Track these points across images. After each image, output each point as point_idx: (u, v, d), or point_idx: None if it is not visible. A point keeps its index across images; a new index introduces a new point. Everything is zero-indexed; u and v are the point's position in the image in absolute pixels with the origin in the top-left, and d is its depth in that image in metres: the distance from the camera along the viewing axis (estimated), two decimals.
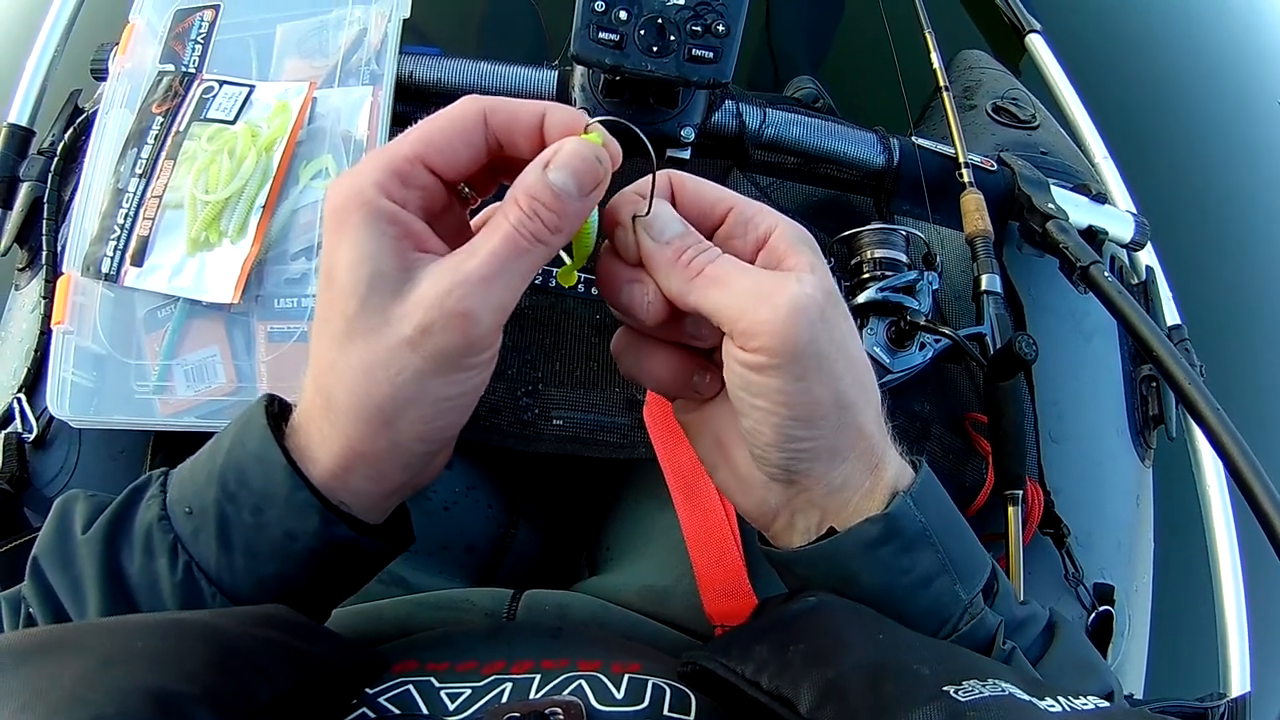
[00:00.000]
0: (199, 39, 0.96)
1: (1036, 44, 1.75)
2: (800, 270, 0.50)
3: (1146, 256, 1.28)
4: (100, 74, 1.02)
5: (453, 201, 0.52)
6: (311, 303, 0.86)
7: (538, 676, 0.52)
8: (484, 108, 0.48)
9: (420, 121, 0.48)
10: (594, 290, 0.91)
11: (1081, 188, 1.18)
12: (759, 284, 0.49)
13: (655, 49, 0.82)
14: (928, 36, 1.35)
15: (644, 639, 0.71)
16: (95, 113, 0.94)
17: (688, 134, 0.95)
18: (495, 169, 0.53)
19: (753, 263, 0.52)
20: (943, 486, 0.57)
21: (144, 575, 0.50)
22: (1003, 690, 0.42)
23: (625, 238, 0.53)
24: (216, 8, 0.97)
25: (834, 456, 0.52)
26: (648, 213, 0.52)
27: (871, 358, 0.95)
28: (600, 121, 0.50)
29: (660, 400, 0.78)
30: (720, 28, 0.82)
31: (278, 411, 0.52)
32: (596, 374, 0.90)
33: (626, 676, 0.52)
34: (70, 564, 0.51)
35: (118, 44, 0.96)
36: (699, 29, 0.82)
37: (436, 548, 0.84)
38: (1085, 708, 0.43)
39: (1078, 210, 1.14)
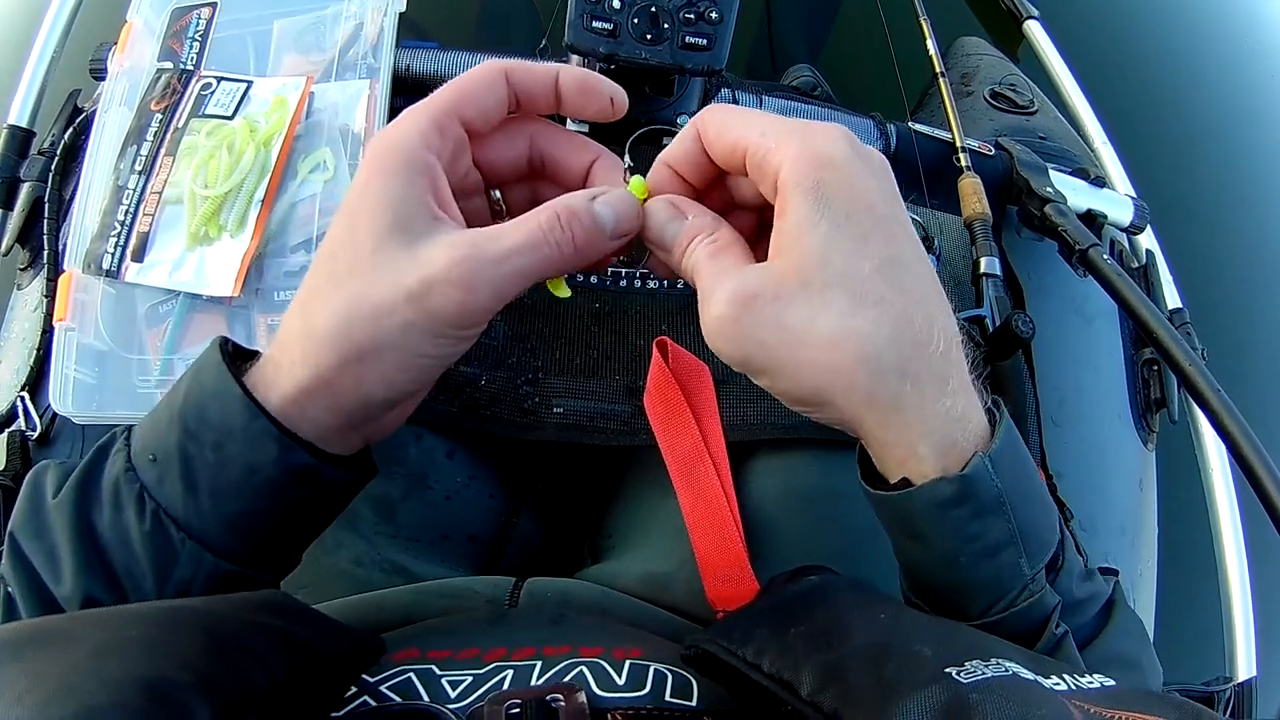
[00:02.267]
0: (196, 36, 0.96)
1: (1034, 30, 1.75)
2: (780, 243, 0.50)
3: (1146, 240, 1.28)
4: (99, 73, 1.03)
5: (485, 201, 0.58)
6: None
7: (539, 663, 0.52)
8: (504, 66, 0.53)
9: (449, 82, 0.53)
10: (592, 279, 0.91)
11: (1080, 172, 1.18)
12: (702, 292, 0.51)
13: (649, 37, 0.82)
14: (924, 23, 1.36)
15: (646, 625, 0.71)
16: (95, 112, 0.95)
17: (683, 121, 0.94)
18: (534, 173, 0.58)
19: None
20: (1022, 442, 0.56)
21: (114, 529, 0.51)
22: (1006, 670, 0.42)
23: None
24: (214, 5, 0.97)
25: (854, 427, 0.52)
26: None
27: None
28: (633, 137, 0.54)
29: (661, 386, 0.78)
30: (714, 15, 0.82)
31: (233, 350, 0.54)
32: (596, 361, 0.90)
33: (628, 662, 0.52)
34: (44, 531, 0.52)
35: (116, 43, 0.96)
36: (692, 16, 0.82)
37: (438, 537, 0.84)
38: (1091, 686, 0.43)
39: (1076, 194, 1.14)
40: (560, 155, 0.57)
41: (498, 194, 0.59)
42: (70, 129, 1.04)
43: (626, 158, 0.55)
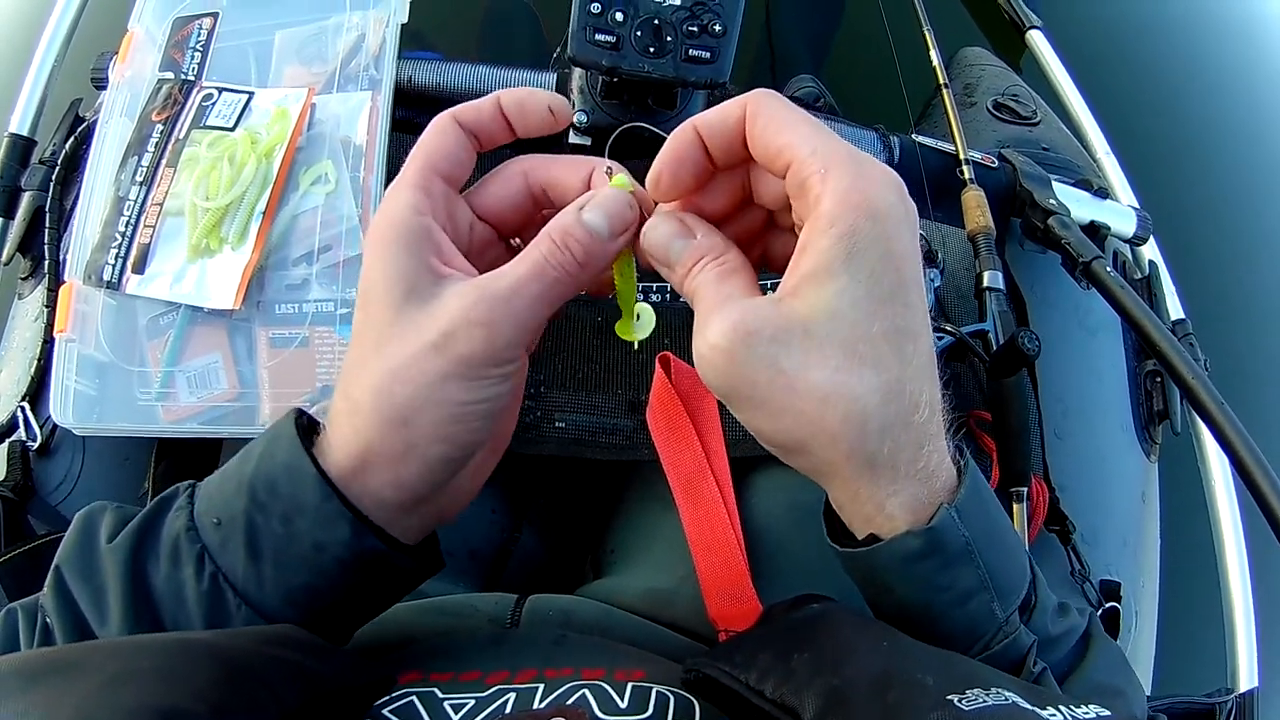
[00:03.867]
0: (198, 46, 0.96)
1: (1037, 40, 1.75)
2: (793, 282, 0.48)
3: (1149, 251, 1.29)
4: (100, 83, 1.02)
5: (504, 253, 0.58)
6: (311, 308, 0.87)
7: (541, 686, 0.52)
8: (452, 114, 0.54)
9: (411, 151, 0.54)
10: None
11: (1083, 183, 1.18)
12: (700, 314, 0.50)
13: (652, 50, 0.82)
14: (927, 34, 1.35)
15: (648, 644, 0.71)
16: (96, 121, 0.95)
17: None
18: (542, 207, 0.58)
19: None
20: (989, 487, 0.56)
21: (169, 584, 0.50)
22: (1005, 699, 0.42)
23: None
24: (215, 15, 0.97)
25: (824, 478, 0.52)
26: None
27: None
28: (614, 137, 0.54)
29: (663, 401, 0.78)
30: (717, 28, 0.82)
31: (306, 424, 0.53)
32: (598, 376, 0.90)
33: (630, 684, 0.52)
34: (94, 573, 0.51)
35: (117, 53, 0.96)
36: (695, 29, 0.82)
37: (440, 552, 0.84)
38: (1086, 717, 0.42)
39: (1079, 206, 1.14)
40: (557, 181, 0.56)
41: (517, 240, 0.59)
42: (72, 138, 1.04)
43: (606, 157, 0.55)
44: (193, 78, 0.94)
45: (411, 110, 1.01)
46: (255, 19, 0.98)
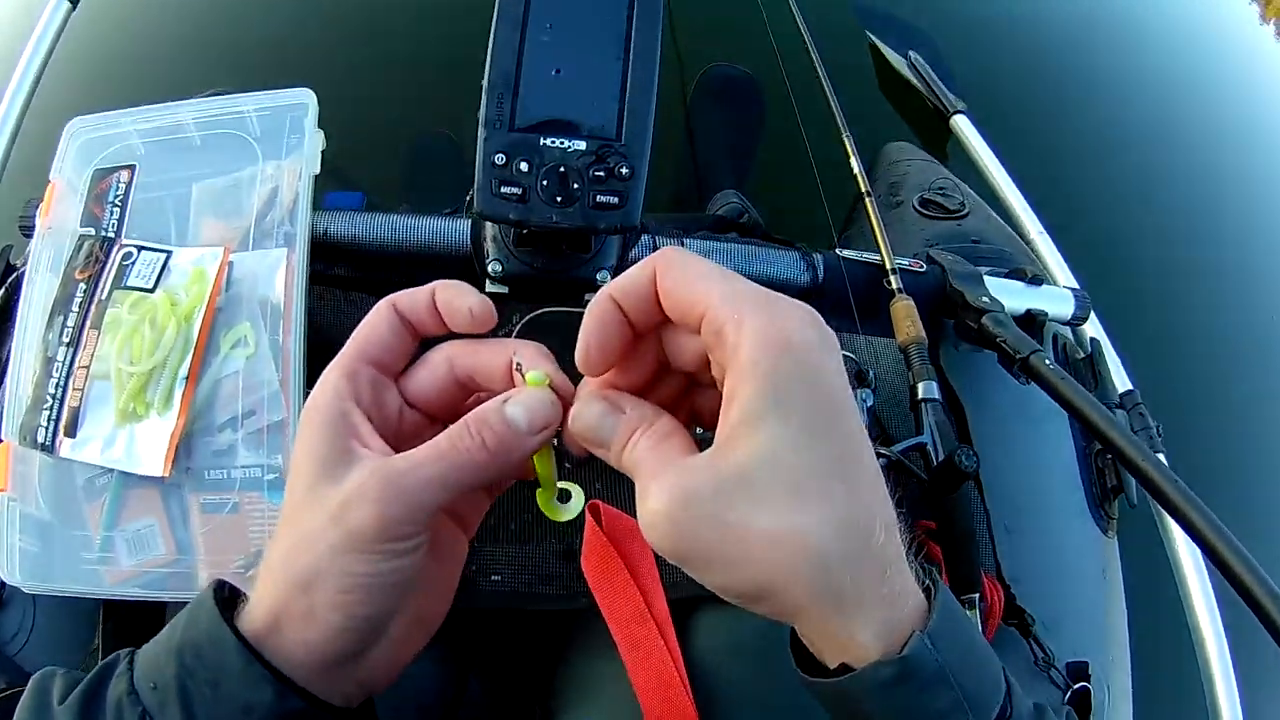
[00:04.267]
0: (117, 201, 0.95)
1: (962, 125, 1.77)
2: (726, 433, 0.48)
3: (1090, 328, 1.29)
4: (28, 230, 1.02)
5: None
6: (240, 473, 0.87)
7: None
8: (392, 300, 0.56)
9: (351, 335, 0.55)
10: None
11: (1017, 273, 1.18)
12: (640, 486, 0.50)
13: (560, 199, 0.81)
14: (846, 143, 1.36)
15: None
16: (24, 272, 0.94)
17: (603, 277, 0.95)
18: (470, 391, 0.59)
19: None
20: (957, 603, 0.55)
21: None
22: None
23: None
24: (133, 167, 0.97)
25: (792, 619, 0.50)
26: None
27: None
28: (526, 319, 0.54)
29: (596, 550, 0.77)
30: (624, 170, 0.82)
31: (228, 595, 0.54)
32: (529, 527, 0.89)
33: None
34: None
35: (42, 201, 0.97)
36: (602, 174, 0.81)
37: (388, 710, 0.83)
38: None
39: (1014, 297, 1.14)
40: (479, 366, 0.57)
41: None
42: (3, 289, 1.03)
43: (515, 346, 0.54)
44: (112, 234, 0.94)
45: (330, 264, 1.01)
46: (172, 169, 0.98)
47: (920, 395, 1.03)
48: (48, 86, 1.42)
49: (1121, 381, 1.25)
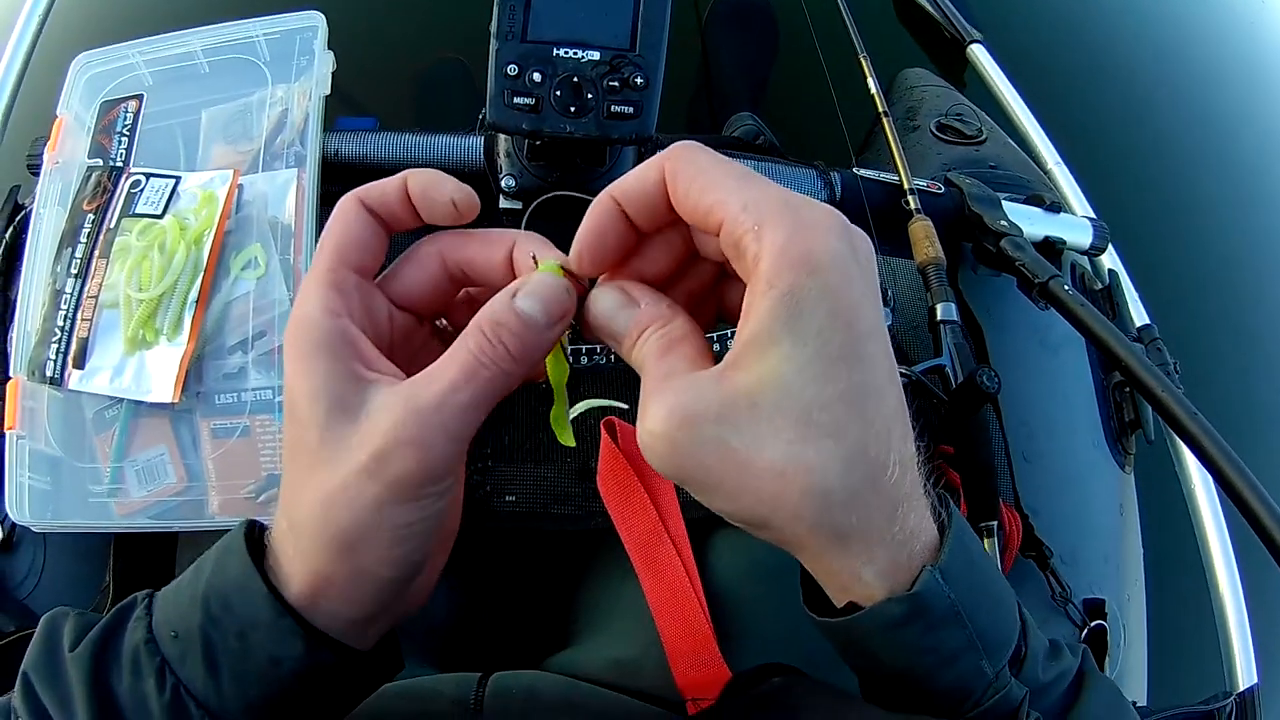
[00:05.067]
0: (125, 130, 0.94)
1: (978, 54, 1.75)
2: (737, 351, 0.45)
3: (1108, 260, 1.28)
4: (36, 169, 1.02)
5: (429, 336, 0.55)
6: (250, 396, 0.86)
7: None
8: (357, 195, 0.50)
9: (320, 239, 0.50)
10: None
11: (1034, 199, 1.17)
12: (644, 395, 0.47)
13: (573, 109, 0.80)
14: (864, 62, 1.35)
15: (615, 716, 0.69)
16: (32, 210, 0.94)
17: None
18: (461, 285, 0.54)
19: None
20: (974, 536, 0.53)
21: (132, 694, 0.49)
22: None
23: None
24: (140, 97, 0.96)
25: (793, 550, 0.48)
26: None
27: None
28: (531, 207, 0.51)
29: (613, 468, 0.76)
30: (638, 80, 0.80)
31: (258, 537, 0.51)
32: (546, 446, 0.89)
33: None
34: (59, 681, 0.50)
35: (49, 138, 0.95)
36: (616, 84, 0.80)
37: (400, 633, 0.83)
38: None
39: (1032, 223, 1.13)
40: (474, 258, 0.53)
41: (443, 320, 0.56)
42: (10, 228, 1.02)
43: (524, 228, 0.51)
44: (121, 164, 0.93)
45: (340, 185, 1.00)
46: (181, 97, 0.97)
47: (939, 317, 1.01)
48: (54, 25, 1.40)
49: (1140, 316, 1.24)
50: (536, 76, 0.80)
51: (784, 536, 0.46)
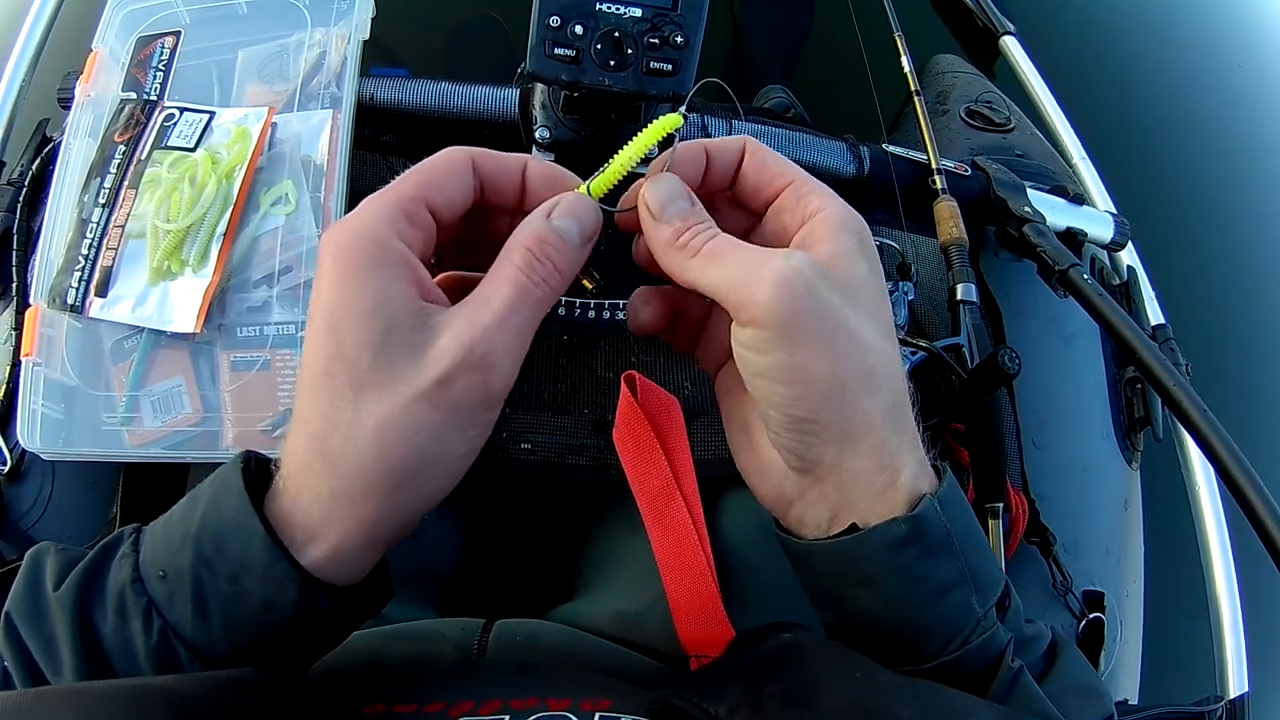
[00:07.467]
0: (160, 66, 0.95)
1: (1010, 46, 1.75)
2: (824, 248, 0.50)
3: (1127, 256, 1.28)
4: (67, 103, 1.01)
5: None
6: (273, 330, 0.86)
7: (506, 717, 0.50)
8: (470, 154, 0.50)
9: (412, 167, 0.49)
10: (559, 310, 0.90)
11: (1059, 189, 1.17)
12: (752, 260, 0.48)
13: (613, 63, 0.80)
14: (898, 40, 1.35)
15: (618, 669, 0.70)
16: (62, 142, 0.93)
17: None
18: (460, 247, 0.54)
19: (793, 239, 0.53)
20: (963, 491, 0.56)
21: (118, 636, 0.48)
22: None
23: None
24: (178, 34, 0.96)
25: (843, 443, 0.50)
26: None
27: None
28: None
29: (630, 421, 0.77)
30: (678, 39, 0.80)
31: (255, 473, 0.50)
32: (565, 396, 0.89)
33: (597, 715, 0.50)
34: (42, 621, 0.49)
35: (82, 72, 0.95)
36: (656, 41, 0.80)
37: (406, 577, 0.83)
38: None
39: (1055, 212, 1.14)
40: (497, 176, 0.52)
41: (433, 260, 0.53)
42: (38, 159, 1.03)
43: (525, 159, 0.52)
44: (155, 97, 0.94)
45: (374, 129, 1.00)
46: (218, 37, 0.97)
47: (959, 296, 1.03)
48: None
49: (1155, 315, 1.25)
50: (578, 29, 0.80)
51: (850, 418, 0.50)
